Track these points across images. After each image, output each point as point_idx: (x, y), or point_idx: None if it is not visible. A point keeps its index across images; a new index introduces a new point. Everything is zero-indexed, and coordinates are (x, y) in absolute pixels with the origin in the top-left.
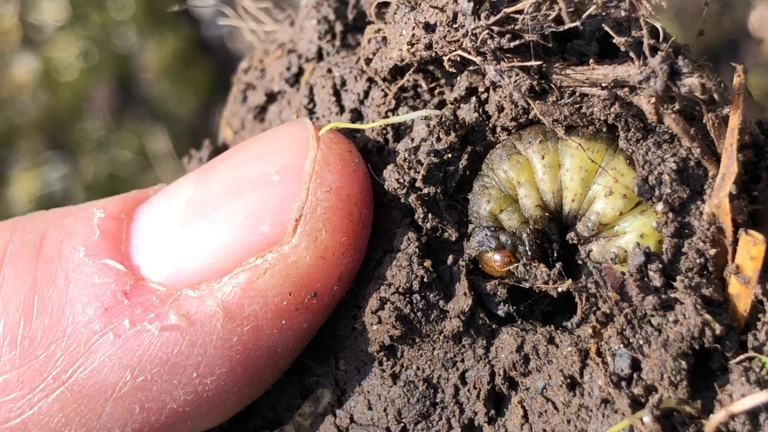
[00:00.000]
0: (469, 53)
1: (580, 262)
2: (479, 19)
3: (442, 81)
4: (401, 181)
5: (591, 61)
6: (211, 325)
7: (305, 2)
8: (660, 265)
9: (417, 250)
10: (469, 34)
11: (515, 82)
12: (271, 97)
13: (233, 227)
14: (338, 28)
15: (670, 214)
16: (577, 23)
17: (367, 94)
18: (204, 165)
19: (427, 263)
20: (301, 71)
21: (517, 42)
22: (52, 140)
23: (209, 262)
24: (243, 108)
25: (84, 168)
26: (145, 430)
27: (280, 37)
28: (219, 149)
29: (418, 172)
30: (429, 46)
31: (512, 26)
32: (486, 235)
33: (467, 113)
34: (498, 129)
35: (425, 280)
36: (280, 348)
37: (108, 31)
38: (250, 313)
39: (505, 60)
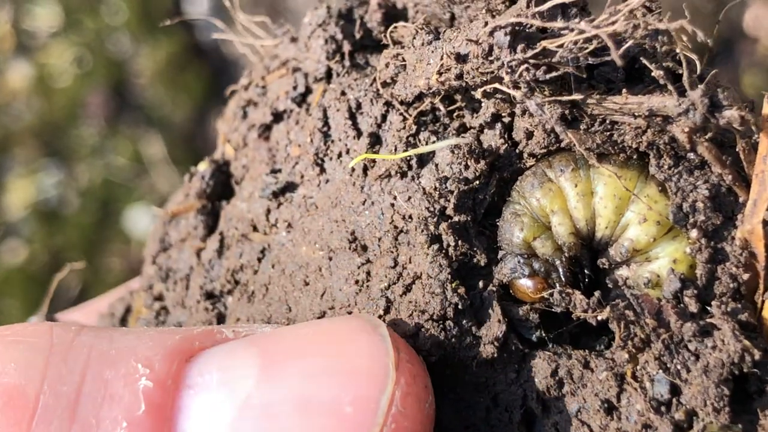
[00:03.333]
0: (507, 87)
1: (610, 286)
2: (515, 52)
3: (462, 104)
4: (431, 210)
5: (624, 90)
6: None
7: (308, 19)
8: (695, 291)
9: (449, 276)
10: (505, 66)
11: (551, 112)
12: (277, 117)
13: None
14: (346, 47)
15: (704, 240)
16: (617, 57)
17: (384, 117)
18: (267, 346)
19: (461, 290)
20: (308, 90)
21: (553, 74)
22: (46, 147)
23: None
24: (244, 124)
25: (79, 174)
26: None
27: (283, 54)
28: (220, 167)
29: (449, 201)
30: (460, 76)
31: (549, 59)
32: (519, 262)
33: (492, 139)
34: (525, 155)
35: (459, 306)
36: None
37: (102, 37)
38: None
39: (539, 90)
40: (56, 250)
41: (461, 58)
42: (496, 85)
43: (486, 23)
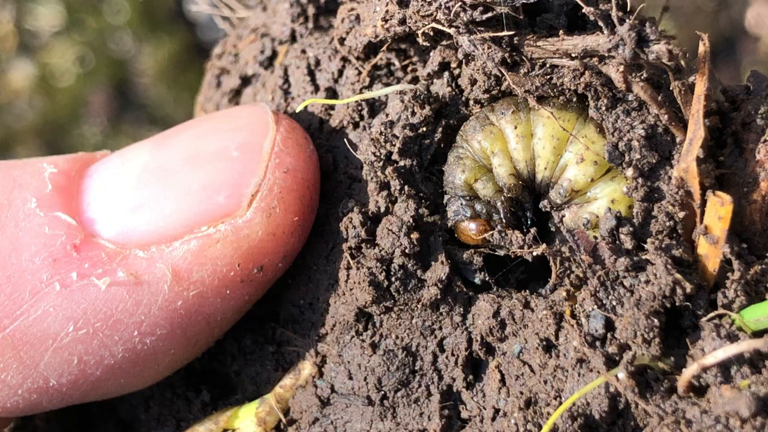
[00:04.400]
0: (443, 26)
1: (553, 228)
2: None
3: (415, 59)
4: (377, 154)
5: (561, 32)
6: (158, 287)
7: None
8: (631, 229)
9: (411, 220)
10: (443, 7)
11: (489, 53)
12: (246, 81)
13: (188, 195)
14: (311, 10)
15: (640, 179)
16: None
17: (341, 73)
18: (160, 133)
19: (415, 235)
20: (275, 54)
21: (489, 14)
22: (49, 146)
23: (161, 226)
24: (217, 93)
25: None
26: (80, 382)
27: (253, 22)
28: None
29: (394, 146)
30: (403, 21)
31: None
32: (461, 204)
33: (441, 88)
34: (471, 102)
35: (407, 251)
36: (219, 316)
37: (104, 36)
38: (197, 280)
39: (478, 32)
40: None
41: (403, 3)
42: (434, 25)
43: None
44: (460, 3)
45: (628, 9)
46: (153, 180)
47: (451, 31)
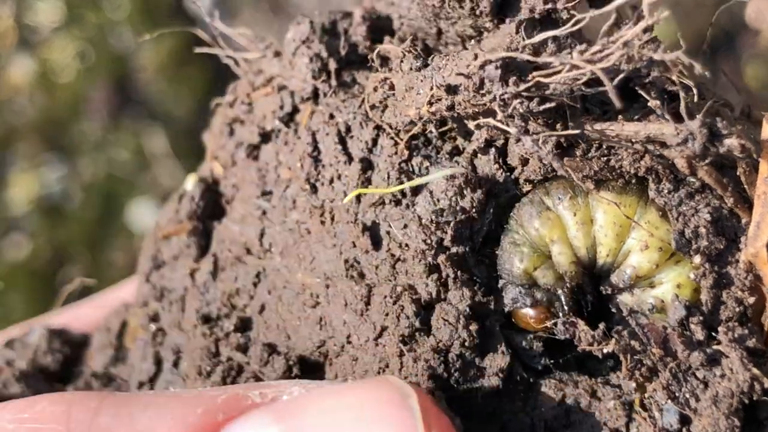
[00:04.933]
0: (500, 121)
1: (613, 311)
2: (507, 85)
3: (454, 125)
4: (428, 242)
5: (620, 117)
6: None
7: (291, 35)
8: (701, 318)
9: (468, 309)
10: (497, 99)
11: (547, 144)
12: (265, 137)
13: None
14: (332, 65)
15: (708, 265)
16: (615, 98)
17: (375, 142)
18: (291, 422)
19: (474, 326)
20: (295, 110)
21: (546, 105)
22: (49, 142)
23: None
24: (231, 142)
25: (82, 169)
26: None
27: (267, 70)
28: (210, 186)
29: (446, 233)
30: (451, 108)
31: (542, 91)
32: (520, 292)
33: (487, 165)
34: (521, 181)
35: (467, 343)
36: None
37: (104, 32)
38: None
39: (533, 120)
40: (59, 245)
41: (452, 90)
42: (490, 120)
43: (476, 56)
44: (518, 98)
45: (695, 95)
46: None
47: (512, 130)
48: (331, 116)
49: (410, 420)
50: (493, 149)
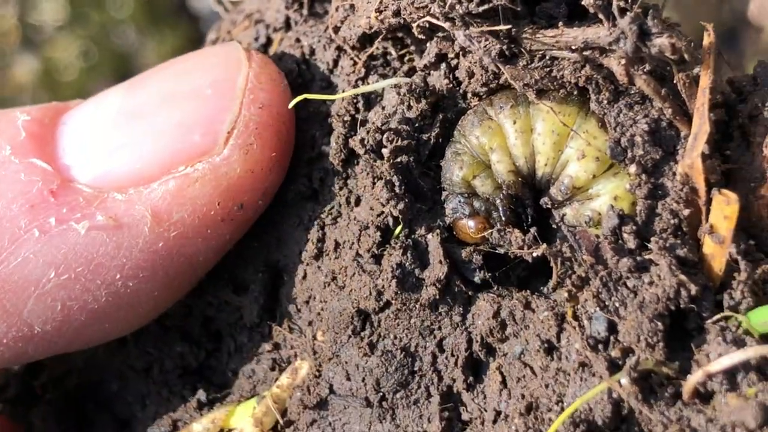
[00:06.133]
0: (438, 19)
1: (554, 226)
2: None
3: (412, 48)
4: (374, 149)
5: (560, 24)
6: (139, 229)
7: None
8: (634, 227)
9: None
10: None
11: (485, 46)
12: None
13: (164, 135)
14: None
15: (643, 176)
16: None
17: (336, 62)
18: (133, 78)
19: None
20: (269, 41)
21: (485, 6)
22: None
23: (137, 168)
24: None
25: None
26: (64, 329)
27: (248, 7)
28: None
29: (391, 141)
30: (397, 13)
31: None
32: (459, 201)
33: (437, 80)
34: (469, 95)
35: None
36: (201, 257)
37: (107, 31)
38: (177, 220)
39: (474, 25)
40: None
41: None
42: (429, 19)
43: None
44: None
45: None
46: (127, 122)
47: (446, 25)
48: (297, 40)
49: (231, 45)
50: (444, 64)
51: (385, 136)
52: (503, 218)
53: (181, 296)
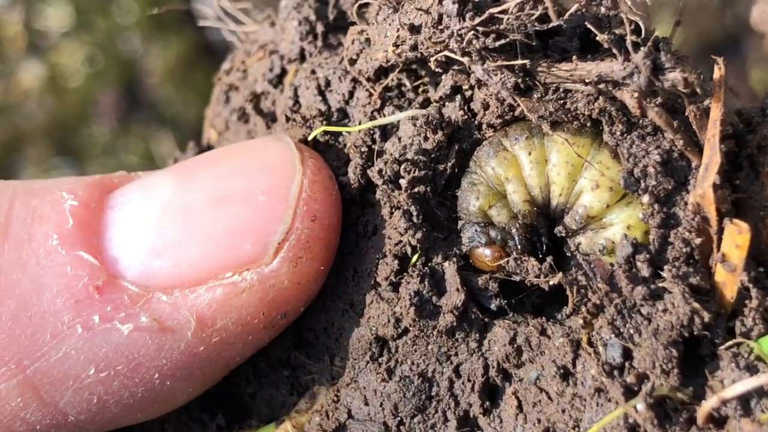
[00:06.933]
0: (455, 54)
1: (568, 254)
2: (464, 20)
3: (426, 79)
4: (391, 180)
5: (574, 58)
6: (182, 333)
7: (285, 3)
8: (647, 256)
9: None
10: (455, 35)
11: (501, 80)
12: (255, 99)
13: (213, 239)
14: (319, 28)
15: (656, 206)
16: (561, 22)
17: (351, 94)
18: (182, 164)
19: (421, 260)
20: (284, 72)
21: (501, 41)
22: (59, 146)
23: (184, 270)
24: (226, 109)
25: (91, 173)
26: (98, 418)
27: (261, 38)
28: (203, 150)
29: (408, 171)
30: (414, 48)
31: (497, 26)
32: (476, 231)
33: (453, 111)
34: (484, 126)
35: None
36: (239, 357)
37: (113, 37)
38: (221, 327)
39: (491, 59)
40: None
41: (414, 29)
42: (447, 53)
43: None
44: (472, 31)
45: (643, 33)
46: (176, 221)
47: (465, 60)
48: (313, 72)
49: (285, 146)
50: (459, 96)
51: (402, 166)
52: (519, 247)
53: (211, 386)
